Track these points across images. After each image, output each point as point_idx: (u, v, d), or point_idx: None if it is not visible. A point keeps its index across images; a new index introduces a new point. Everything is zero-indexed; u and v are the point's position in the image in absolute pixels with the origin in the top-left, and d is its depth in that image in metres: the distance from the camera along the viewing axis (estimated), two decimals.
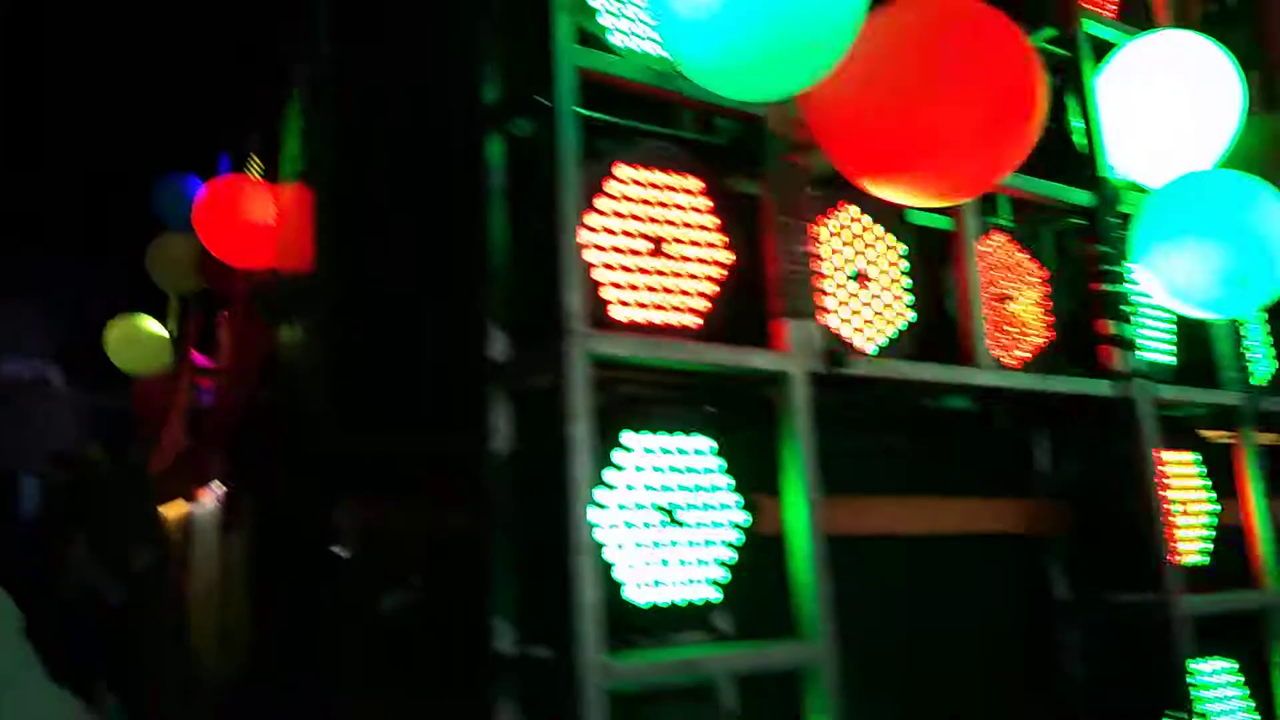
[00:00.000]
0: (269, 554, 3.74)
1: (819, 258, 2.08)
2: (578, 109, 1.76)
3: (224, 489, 4.44)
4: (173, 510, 5.99)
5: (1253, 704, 2.63)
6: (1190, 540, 2.66)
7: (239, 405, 4.76)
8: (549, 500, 1.74)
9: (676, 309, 1.92)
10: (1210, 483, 2.75)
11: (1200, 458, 2.75)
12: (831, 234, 2.17)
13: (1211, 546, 2.70)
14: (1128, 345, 2.50)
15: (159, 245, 6.22)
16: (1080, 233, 2.68)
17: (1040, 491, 2.74)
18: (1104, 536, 2.65)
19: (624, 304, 1.85)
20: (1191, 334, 2.81)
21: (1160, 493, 2.47)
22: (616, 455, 1.76)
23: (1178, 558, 2.52)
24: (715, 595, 1.85)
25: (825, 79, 1.65)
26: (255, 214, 4.73)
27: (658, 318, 1.89)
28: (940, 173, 1.79)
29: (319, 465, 2.82)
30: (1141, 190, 2.63)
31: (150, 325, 6.84)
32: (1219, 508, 2.74)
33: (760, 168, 2.00)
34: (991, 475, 2.68)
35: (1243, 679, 2.65)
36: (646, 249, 1.89)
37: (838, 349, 1.97)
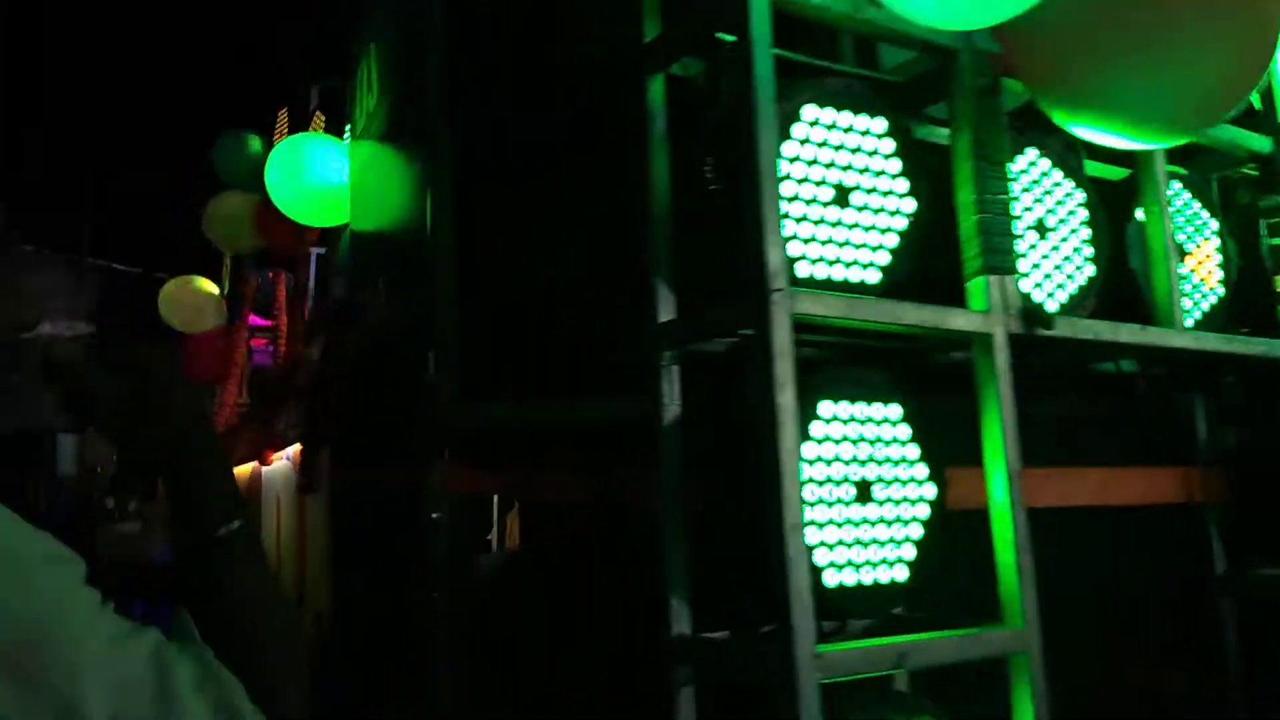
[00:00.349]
0: (359, 518, 3.64)
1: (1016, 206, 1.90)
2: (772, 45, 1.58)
3: (301, 450, 4.34)
4: (239, 471, 5.93)
5: None
6: None
7: (316, 366, 4.65)
8: (743, 475, 1.60)
9: (858, 263, 1.75)
10: None
11: None
12: (1012, 181, 1.99)
13: None
14: None
15: (217, 202, 6.10)
16: (1250, 182, 2.48)
17: (1199, 459, 2.57)
18: (1267, 506, 2.48)
19: (810, 259, 1.69)
20: None
21: None
22: (813, 426, 1.60)
23: None
24: (904, 575, 1.70)
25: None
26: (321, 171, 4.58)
27: (838, 274, 1.73)
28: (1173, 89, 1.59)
29: (438, 434, 2.71)
30: None
31: (205, 284, 6.75)
32: None
33: (952, 106, 1.81)
34: (1151, 442, 2.51)
35: None
36: (831, 197, 1.72)
37: (1037, 308, 1.79)
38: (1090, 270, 2.09)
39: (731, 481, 1.68)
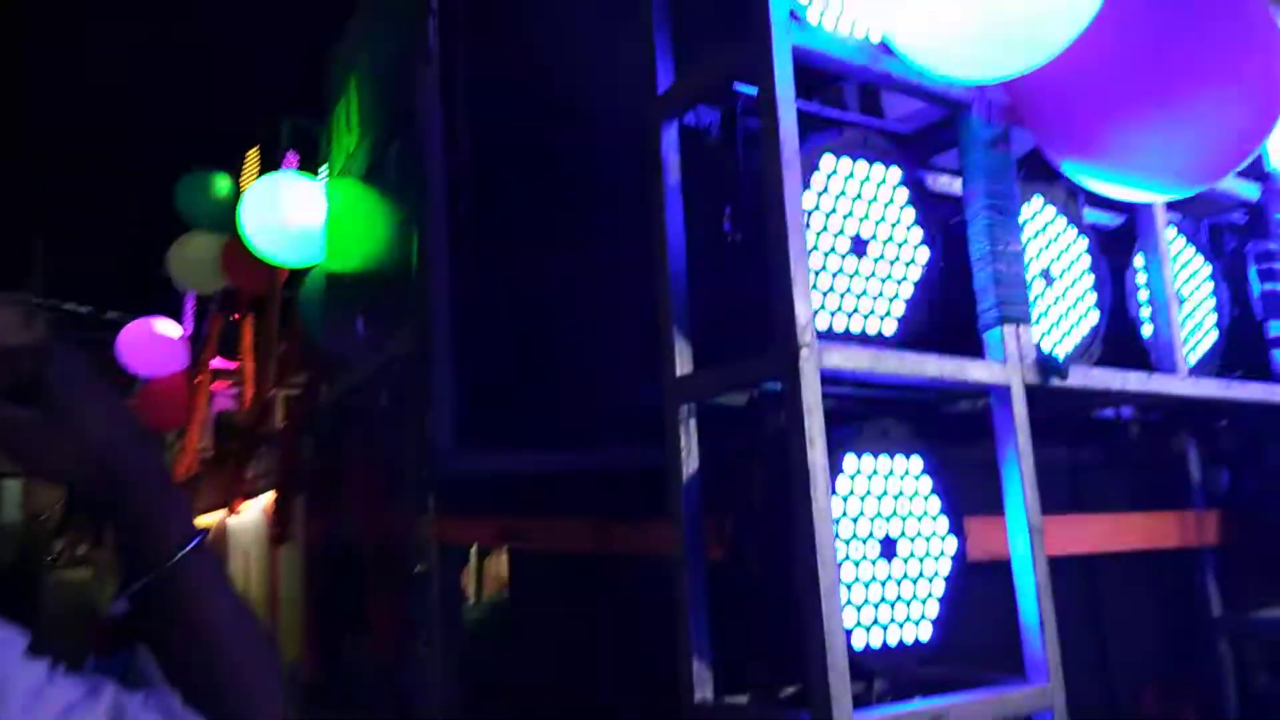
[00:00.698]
0: (339, 570, 3.54)
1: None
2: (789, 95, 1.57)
3: (275, 500, 4.22)
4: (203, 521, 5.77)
5: None
6: None
7: (292, 411, 4.54)
8: (769, 532, 1.56)
9: (875, 314, 1.74)
10: None
11: None
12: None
13: None
14: None
15: (183, 243, 5.98)
16: (1238, 229, 2.52)
17: (1193, 503, 2.58)
18: (1265, 548, 2.49)
19: (829, 310, 1.67)
20: None
21: None
22: (838, 482, 1.58)
23: None
24: (928, 632, 1.67)
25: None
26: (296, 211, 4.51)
27: (856, 325, 1.71)
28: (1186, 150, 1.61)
29: (426, 485, 2.64)
30: None
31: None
32: None
33: (965, 157, 1.81)
34: (1147, 486, 2.53)
35: None
36: (848, 248, 1.71)
37: (1052, 358, 1.79)
38: (1094, 318, 2.10)
39: (747, 537, 1.65)
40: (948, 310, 1.82)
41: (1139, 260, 2.22)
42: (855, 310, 1.70)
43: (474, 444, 2.20)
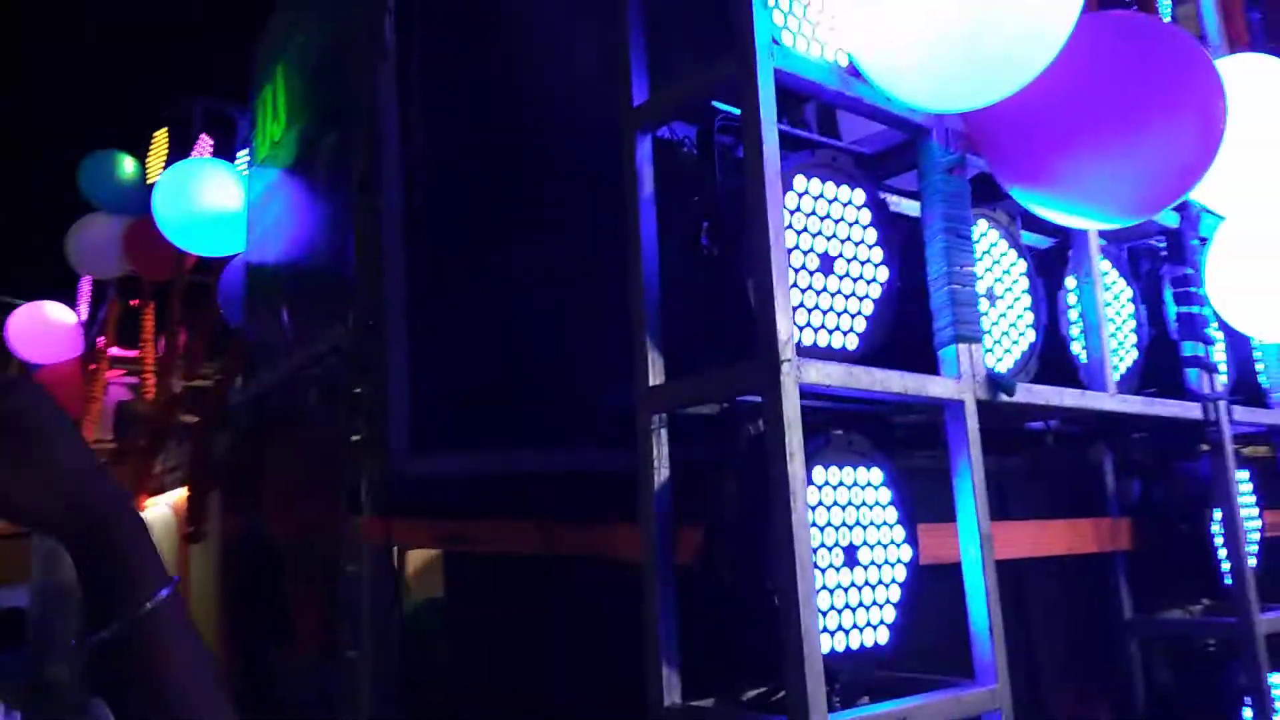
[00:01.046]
0: (258, 569, 3.44)
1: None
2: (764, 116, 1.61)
3: (188, 496, 4.06)
4: None
5: None
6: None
7: (208, 403, 4.38)
8: (742, 541, 1.61)
9: (840, 330, 1.80)
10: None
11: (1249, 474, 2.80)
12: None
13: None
14: (1210, 368, 2.51)
15: (81, 225, 5.71)
16: (1156, 253, 2.69)
17: (1107, 510, 2.74)
18: (1172, 554, 2.66)
19: (798, 325, 1.72)
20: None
21: (1239, 511, 2.49)
22: (808, 493, 1.63)
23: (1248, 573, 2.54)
24: (886, 637, 1.74)
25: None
26: (214, 198, 4.36)
27: (823, 340, 1.77)
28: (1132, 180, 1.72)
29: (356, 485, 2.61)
30: (1217, 216, 2.64)
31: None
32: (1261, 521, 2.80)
33: (924, 181, 1.89)
34: (1066, 494, 2.67)
35: None
36: (817, 266, 1.76)
37: (1001, 375, 1.88)
38: (1031, 336, 2.21)
39: (718, 546, 1.68)
40: (902, 327, 1.90)
41: (1070, 282, 2.34)
42: (822, 326, 1.76)
43: (428, 445, 2.18)
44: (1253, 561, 2.67)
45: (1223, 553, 2.53)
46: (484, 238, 2.32)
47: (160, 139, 5.64)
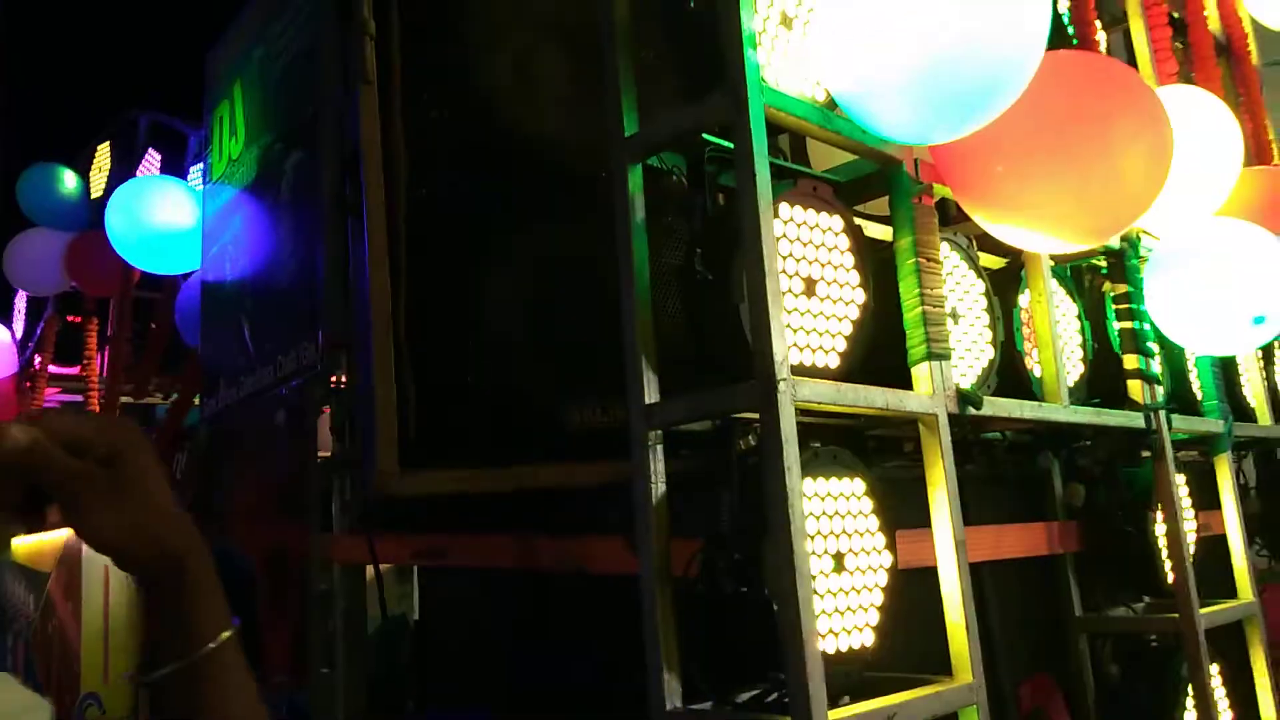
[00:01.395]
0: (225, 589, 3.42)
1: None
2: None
3: None
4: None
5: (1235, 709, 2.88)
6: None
7: (168, 426, 4.32)
8: (741, 551, 1.70)
9: (823, 349, 1.90)
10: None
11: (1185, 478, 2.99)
12: None
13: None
14: (1153, 380, 2.68)
15: (19, 240, 5.59)
16: (1097, 271, 2.86)
17: (1055, 514, 2.89)
18: (1117, 554, 2.82)
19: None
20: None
21: (1180, 515, 2.67)
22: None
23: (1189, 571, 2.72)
24: (871, 639, 1.84)
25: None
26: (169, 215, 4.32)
27: (808, 360, 1.87)
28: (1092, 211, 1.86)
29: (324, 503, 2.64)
30: (1153, 237, 2.83)
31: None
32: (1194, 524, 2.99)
33: (895, 208, 2.01)
34: (1017, 500, 2.81)
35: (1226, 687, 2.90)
36: (801, 289, 1.86)
37: (968, 391, 2.01)
38: (991, 353, 2.35)
39: (717, 556, 1.77)
40: (874, 346, 2.01)
41: (1023, 300, 2.49)
42: (807, 345, 1.86)
43: (414, 464, 2.23)
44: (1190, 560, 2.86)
45: (1165, 553, 2.69)
46: (464, 258, 2.38)
47: (103, 152, 5.55)
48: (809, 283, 1.88)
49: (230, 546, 3.48)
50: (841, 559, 1.80)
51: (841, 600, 1.79)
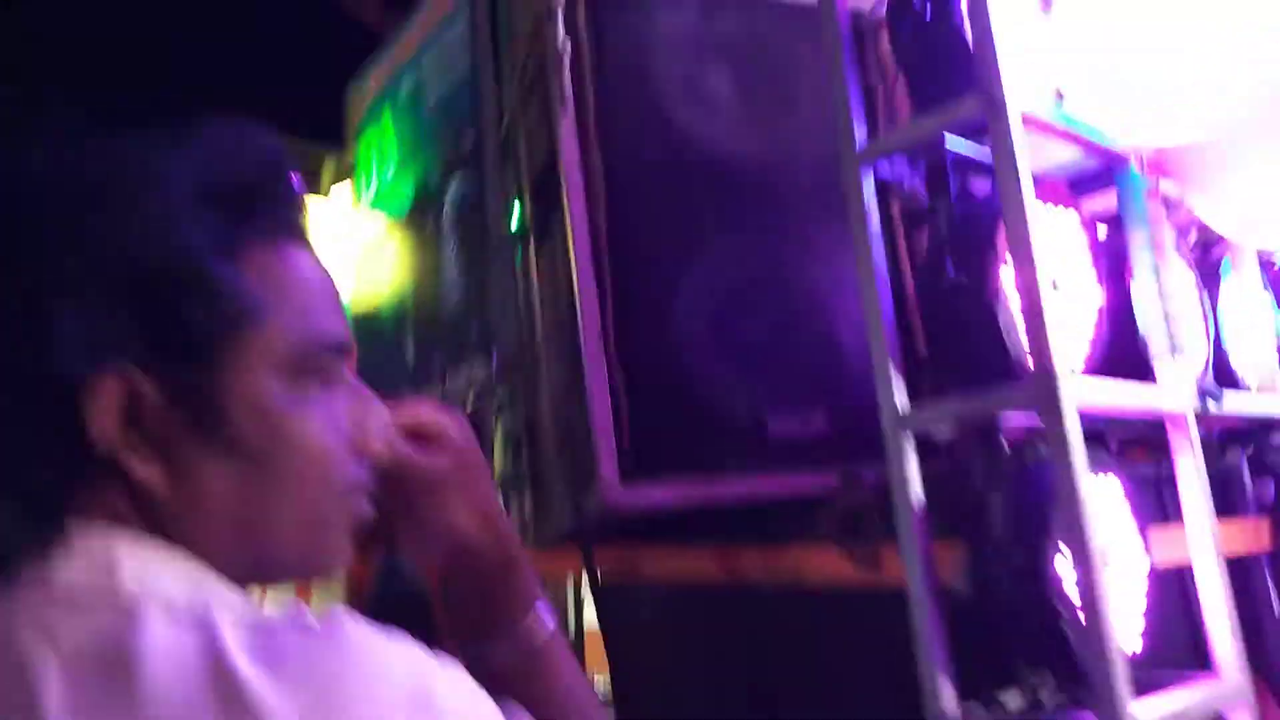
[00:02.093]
0: (401, 612, 3.49)
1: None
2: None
3: None
4: None
5: None
6: None
7: None
8: (1016, 556, 1.70)
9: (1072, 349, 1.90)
10: None
11: None
12: None
13: None
14: None
15: None
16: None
17: (1247, 510, 2.83)
18: None
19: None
20: None
21: None
22: None
23: None
24: (1135, 636, 1.84)
25: None
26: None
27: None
28: None
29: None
30: None
31: None
32: None
33: (1125, 204, 2.00)
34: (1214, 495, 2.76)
35: None
36: (1050, 287, 1.87)
37: (1211, 388, 1.99)
38: (1205, 349, 2.32)
39: (988, 561, 1.78)
40: (1113, 344, 2.01)
41: (1229, 293, 2.46)
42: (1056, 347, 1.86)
43: (635, 475, 2.27)
44: None
45: None
46: (671, 273, 2.43)
47: None
48: (1053, 281, 1.88)
49: (401, 562, 3.55)
50: (1108, 559, 1.80)
51: (1115, 600, 1.78)
